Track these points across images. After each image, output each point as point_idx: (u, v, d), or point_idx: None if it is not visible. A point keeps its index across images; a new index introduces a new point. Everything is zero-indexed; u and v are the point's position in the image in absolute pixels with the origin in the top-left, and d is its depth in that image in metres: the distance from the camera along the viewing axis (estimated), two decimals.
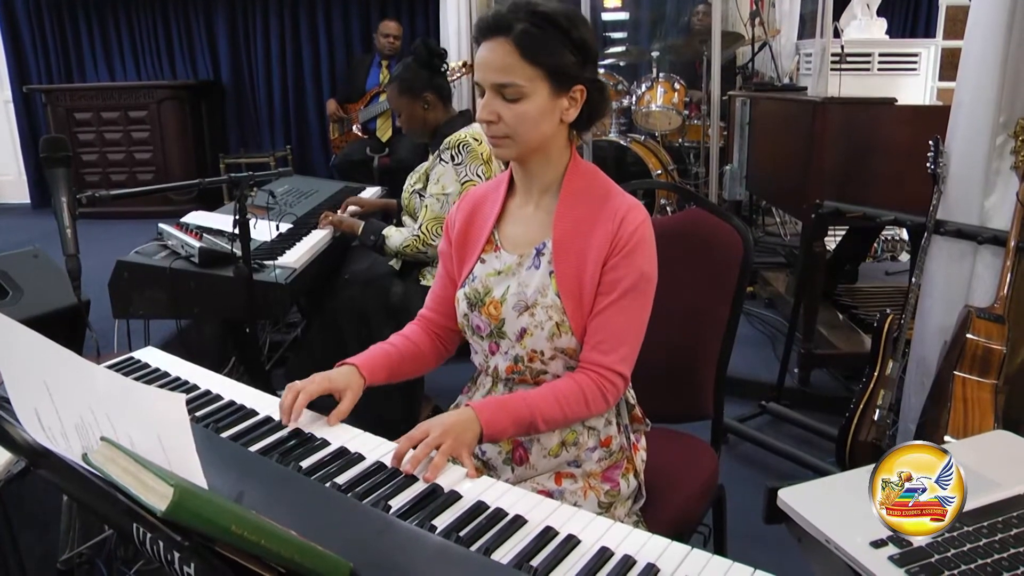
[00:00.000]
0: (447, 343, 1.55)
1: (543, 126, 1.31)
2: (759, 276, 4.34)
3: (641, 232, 1.34)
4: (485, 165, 2.50)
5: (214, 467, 0.95)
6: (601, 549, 0.94)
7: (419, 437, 1.17)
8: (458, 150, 2.51)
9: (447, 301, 1.50)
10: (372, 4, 6.91)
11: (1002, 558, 0.90)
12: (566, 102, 1.33)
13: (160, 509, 0.70)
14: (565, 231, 1.36)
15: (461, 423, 1.22)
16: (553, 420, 1.31)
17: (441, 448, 1.15)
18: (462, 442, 1.19)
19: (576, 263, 1.34)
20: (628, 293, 1.33)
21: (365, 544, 0.94)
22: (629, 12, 6.64)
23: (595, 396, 1.32)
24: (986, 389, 2.06)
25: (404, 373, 1.49)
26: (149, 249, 2.58)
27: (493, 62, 1.28)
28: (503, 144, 1.33)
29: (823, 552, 0.94)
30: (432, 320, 1.54)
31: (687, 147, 5.49)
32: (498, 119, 1.30)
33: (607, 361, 1.32)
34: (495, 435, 1.27)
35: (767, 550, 1.62)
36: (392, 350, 1.47)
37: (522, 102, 1.28)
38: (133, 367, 1.51)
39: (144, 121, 6.73)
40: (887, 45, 5.44)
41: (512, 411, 1.28)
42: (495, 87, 1.29)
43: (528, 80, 1.27)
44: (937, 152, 2.29)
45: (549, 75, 1.29)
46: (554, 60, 1.28)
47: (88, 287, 2.79)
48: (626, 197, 1.38)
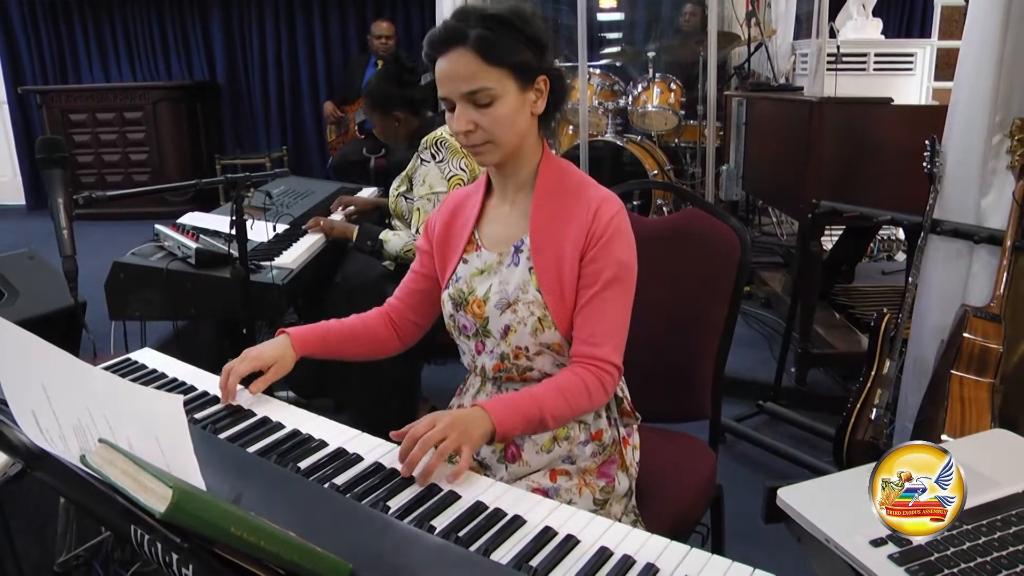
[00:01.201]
0: (404, 335, 1.57)
1: (519, 123, 1.33)
2: (756, 276, 4.34)
3: (616, 222, 1.35)
4: (467, 158, 2.48)
5: (212, 468, 0.95)
6: (600, 549, 0.94)
7: (421, 431, 1.15)
8: (436, 148, 2.50)
9: (415, 294, 1.54)
10: (368, 4, 6.92)
11: (1001, 556, 0.90)
12: (533, 95, 1.34)
13: (159, 511, 0.70)
14: (540, 226, 1.37)
15: (469, 417, 1.21)
16: (560, 415, 1.31)
17: (441, 446, 1.13)
18: (467, 437, 1.17)
19: (554, 257, 1.35)
20: (611, 284, 1.34)
21: (364, 545, 0.94)
22: (625, 12, 6.64)
23: (596, 388, 1.33)
24: (983, 388, 2.06)
25: (347, 353, 1.52)
26: (145, 250, 2.58)
27: (457, 72, 1.29)
28: (485, 150, 1.34)
29: (823, 551, 0.94)
30: (397, 309, 1.56)
31: (683, 147, 5.50)
32: (475, 127, 1.30)
33: (600, 353, 1.33)
34: (507, 432, 1.26)
35: (765, 549, 1.62)
36: (336, 327, 1.51)
37: (495, 105, 1.29)
38: (130, 368, 1.51)
39: (140, 122, 6.73)
40: (883, 45, 5.46)
41: (521, 408, 1.27)
42: (465, 96, 1.29)
43: (496, 81, 1.28)
44: (933, 152, 2.30)
45: (514, 73, 1.30)
46: (515, 57, 1.30)
47: (85, 288, 2.78)
48: (599, 189, 1.39)
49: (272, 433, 1.25)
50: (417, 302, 1.54)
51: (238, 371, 1.36)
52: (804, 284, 3.15)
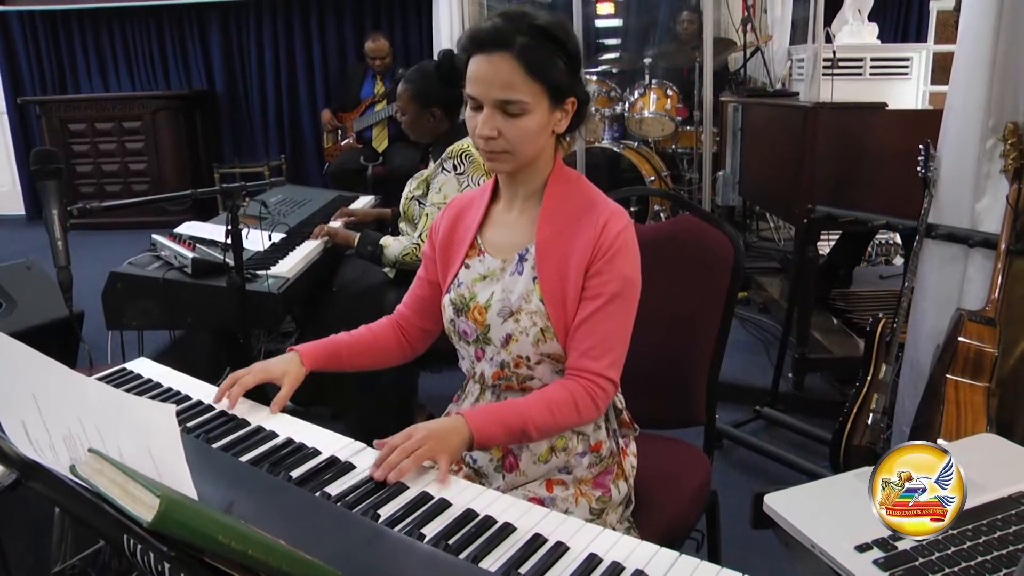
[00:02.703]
0: (414, 342, 1.57)
1: (540, 140, 1.32)
2: (753, 281, 4.35)
3: (623, 237, 1.34)
4: (487, 175, 2.49)
5: (205, 477, 0.95)
6: (589, 556, 0.94)
7: (399, 441, 1.17)
8: (460, 160, 2.49)
9: (423, 301, 1.53)
10: (366, 13, 6.93)
11: (985, 561, 0.91)
12: (559, 114, 1.34)
13: (146, 520, 0.70)
14: (547, 237, 1.36)
15: (446, 427, 1.22)
16: (545, 427, 1.30)
17: (416, 452, 1.15)
18: (444, 446, 1.18)
19: (559, 269, 1.35)
20: (614, 299, 1.33)
21: (354, 553, 0.94)
22: (622, 19, 6.66)
23: (586, 403, 1.31)
24: (978, 392, 2.06)
25: (356, 364, 1.52)
26: (142, 260, 2.58)
27: (496, 78, 1.26)
28: (501, 159, 1.32)
29: (809, 557, 0.94)
30: (406, 317, 1.56)
31: (680, 153, 5.50)
32: (499, 135, 1.29)
33: (597, 367, 1.32)
34: (485, 441, 1.26)
35: (761, 555, 1.63)
36: (345, 339, 1.51)
37: (524, 118, 1.28)
38: (125, 378, 1.51)
39: (138, 131, 6.72)
40: (879, 50, 5.46)
41: (502, 418, 1.27)
42: (497, 103, 1.27)
43: (532, 96, 1.27)
44: (927, 156, 2.30)
45: (549, 90, 1.29)
46: (553, 76, 1.29)
47: (83, 298, 2.79)
48: (609, 203, 1.39)
49: (266, 442, 1.26)
50: (425, 309, 1.53)
51: (244, 383, 1.37)
52: (801, 289, 3.16)
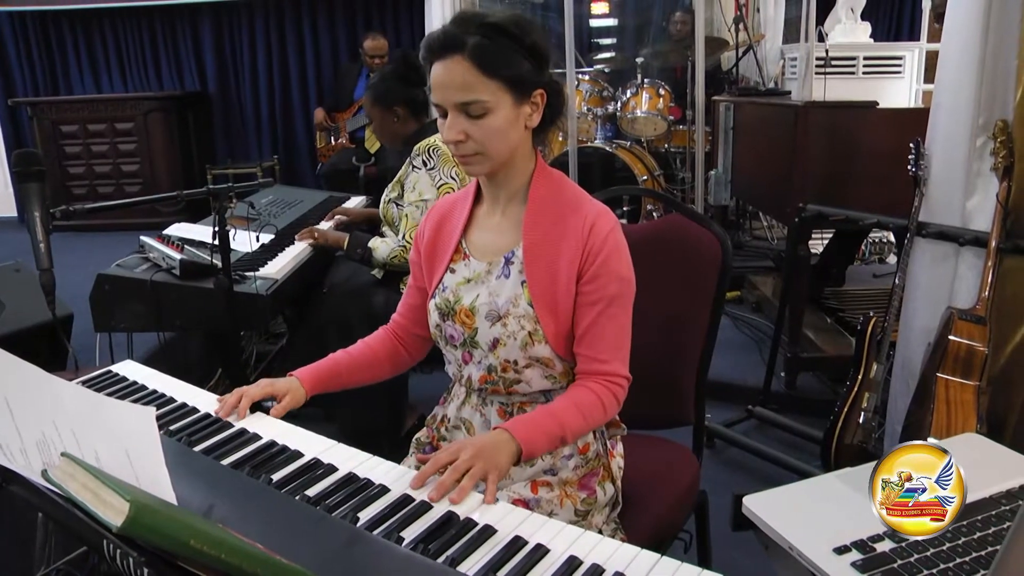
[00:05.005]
0: (413, 350, 1.57)
1: (511, 137, 1.31)
2: (746, 280, 4.34)
3: (612, 239, 1.34)
4: (458, 167, 2.48)
5: (185, 480, 0.95)
6: (569, 558, 0.94)
7: (446, 460, 1.15)
8: (428, 155, 2.51)
9: (417, 309, 1.52)
10: (358, 13, 6.92)
11: (964, 562, 0.90)
12: (528, 108, 1.33)
13: (116, 524, 0.70)
14: (535, 240, 1.35)
15: (494, 444, 1.22)
16: (578, 431, 1.33)
17: (470, 472, 1.13)
18: (494, 463, 1.17)
19: (548, 272, 1.34)
20: (614, 300, 1.34)
21: (332, 556, 0.93)
22: (615, 19, 6.66)
23: (610, 401, 1.35)
24: (969, 390, 2.06)
25: (358, 381, 1.52)
26: (130, 262, 2.57)
27: (452, 81, 1.27)
28: (474, 161, 1.32)
29: (788, 559, 0.94)
30: (402, 326, 1.56)
31: (673, 152, 5.51)
32: (466, 137, 1.29)
33: (610, 368, 1.35)
34: (532, 453, 1.27)
35: (751, 556, 1.61)
36: (344, 359, 1.51)
37: (488, 117, 1.27)
38: (109, 381, 1.50)
39: (131, 133, 6.70)
40: (871, 48, 5.46)
41: (544, 427, 1.28)
42: (458, 106, 1.27)
43: (491, 94, 1.27)
44: (918, 154, 2.30)
45: (510, 86, 1.28)
46: (512, 70, 1.28)
47: (73, 300, 2.77)
48: (595, 204, 1.38)
49: (248, 445, 1.25)
50: (419, 316, 1.51)
51: (251, 394, 1.38)
52: (793, 288, 3.15)
